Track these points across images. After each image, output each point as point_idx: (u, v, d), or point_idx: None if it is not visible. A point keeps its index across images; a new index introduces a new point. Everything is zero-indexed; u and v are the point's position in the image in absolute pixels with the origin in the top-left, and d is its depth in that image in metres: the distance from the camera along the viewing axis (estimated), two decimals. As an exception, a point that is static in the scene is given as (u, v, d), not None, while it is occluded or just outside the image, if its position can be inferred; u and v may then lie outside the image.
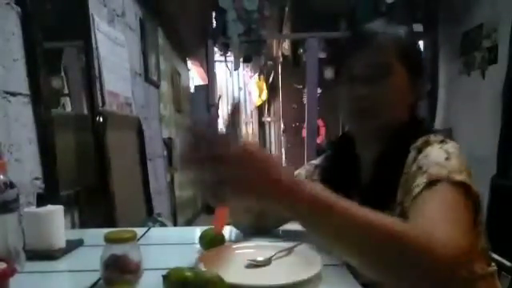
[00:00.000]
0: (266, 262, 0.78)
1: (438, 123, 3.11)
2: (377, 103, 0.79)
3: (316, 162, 1.01)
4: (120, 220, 1.40)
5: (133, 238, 0.70)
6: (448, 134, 2.69)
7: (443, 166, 0.66)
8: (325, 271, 0.72)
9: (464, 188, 0.63)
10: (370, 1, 3.33)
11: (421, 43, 3.61)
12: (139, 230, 1.03)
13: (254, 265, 0.78)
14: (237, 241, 0.97)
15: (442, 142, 0.74)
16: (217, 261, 0.79)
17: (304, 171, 1.01)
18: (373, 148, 0.83)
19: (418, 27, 3.46)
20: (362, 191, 0.83)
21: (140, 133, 1.96)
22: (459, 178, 0.64)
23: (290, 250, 0.84)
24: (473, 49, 2.70)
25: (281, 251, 0.83)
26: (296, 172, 1.01)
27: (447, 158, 0.68)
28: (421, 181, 0.66)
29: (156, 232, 1.17)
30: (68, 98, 1.56)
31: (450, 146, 0.72)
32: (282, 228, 1.03)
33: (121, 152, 1.61)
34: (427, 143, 0.74)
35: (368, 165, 0.84)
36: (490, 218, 1.34)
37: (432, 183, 0.64)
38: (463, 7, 2.82)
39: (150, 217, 1.70)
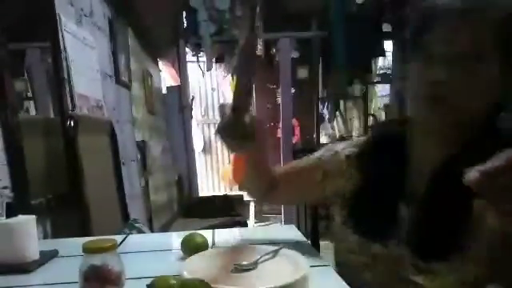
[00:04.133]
0: (252, 266, 0.77)
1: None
2: (456, 92, 0.64)
3: (354, 145, 0.86)
4: (95, 228, 1.34)
5: (113, 247, 0.67)
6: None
7: None
8: (311, 272, 0.72)
9: None
10: (340, 1, 3.39)
11: (389, 43, 3.72)
12: (116, 238, 0.99)
13: (240, 269, 0.76)
14: (219, 245, 0.95)
15: None
16: (201, 266, 0.77)
17: (346, 152, 0.86)
18: (435, 149, 0.70)
19: (387, 27, 3.56)
20: (412, 203, 0.71)
21: (113, 136, 1.89)
22: None
23: (274, 253, 0.82)
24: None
25: (266, 254, 0.82)
26: (334, 149, 0.89)
27: None
28: None
29: (134, 239, 1.13)
30: (31, 102, 1.49)
31: None
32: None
33: (93, 157, 1.55)
34: None
35: (423, 170, 0.70)
36: None
37: None
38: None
39: (126, 223, 1.65)
